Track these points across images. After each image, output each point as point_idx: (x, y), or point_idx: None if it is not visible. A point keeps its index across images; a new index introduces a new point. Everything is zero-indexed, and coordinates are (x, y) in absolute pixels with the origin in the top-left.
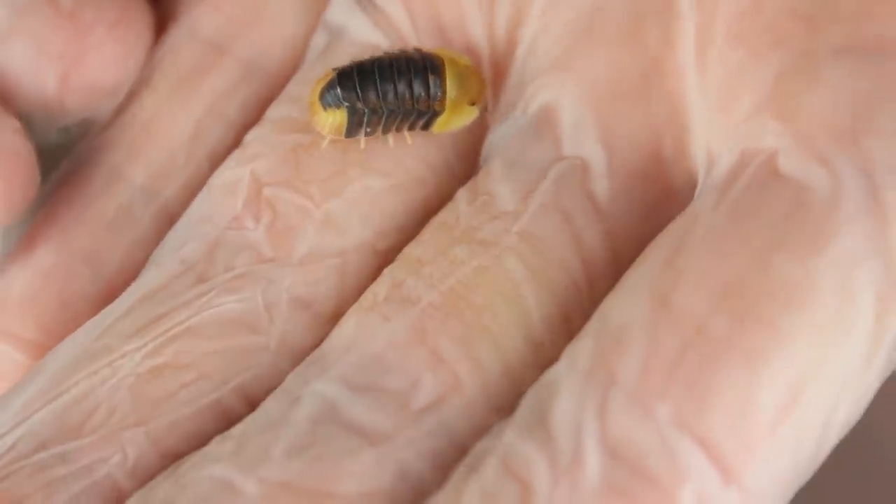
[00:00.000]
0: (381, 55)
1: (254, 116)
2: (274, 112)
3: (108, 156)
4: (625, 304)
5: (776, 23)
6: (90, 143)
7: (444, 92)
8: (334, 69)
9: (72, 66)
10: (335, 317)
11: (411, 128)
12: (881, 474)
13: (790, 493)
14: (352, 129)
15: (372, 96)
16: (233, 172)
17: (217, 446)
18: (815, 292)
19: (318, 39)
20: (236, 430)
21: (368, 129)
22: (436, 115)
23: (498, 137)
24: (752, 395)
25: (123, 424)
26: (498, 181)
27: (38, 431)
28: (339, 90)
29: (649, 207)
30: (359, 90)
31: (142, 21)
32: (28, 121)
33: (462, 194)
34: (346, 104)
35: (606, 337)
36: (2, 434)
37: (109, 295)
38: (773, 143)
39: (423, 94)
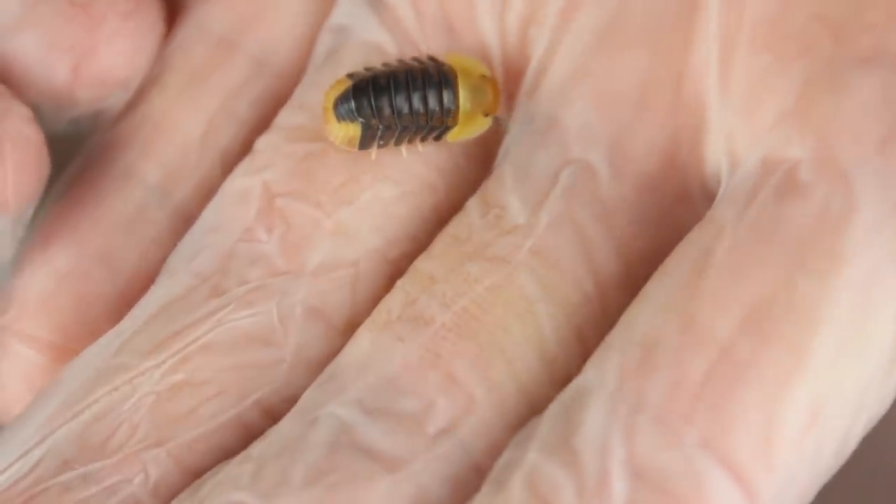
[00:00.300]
0: (395, 66)
1: (264, 113)
2: (284, 119)
3: (121, 154)
4: (650, 321)
5: (803, 30)
6: (101, 141)
7: (457, 107)
8: (349, 76)
9: (83, 57)
10: (349, 326)
11: (423, 140)
12: (881, 474)
13: (809, 500)
14: (365, 143)
15: (387, 112)
16: (244, 181)
17: (237, 468)
18: (836, 311)
19: (325, 38)
20: (255, 449)
21: (381, 143)
22: (448, 128)
23: (512, 140)
24: (776, 416)
25: (145, 444)
26: (509, 191)
27: (61, 449)
28: (353, 104)
29: (663, 213)
30: (374, 106)
31: (153, 14)
32: (38, 111)
33: (473, 204)
34: (361, 119)
35: (633, 355)
36: (26, 451)
37: (126, 296)
38: (796, 154)
39: (437, 109)
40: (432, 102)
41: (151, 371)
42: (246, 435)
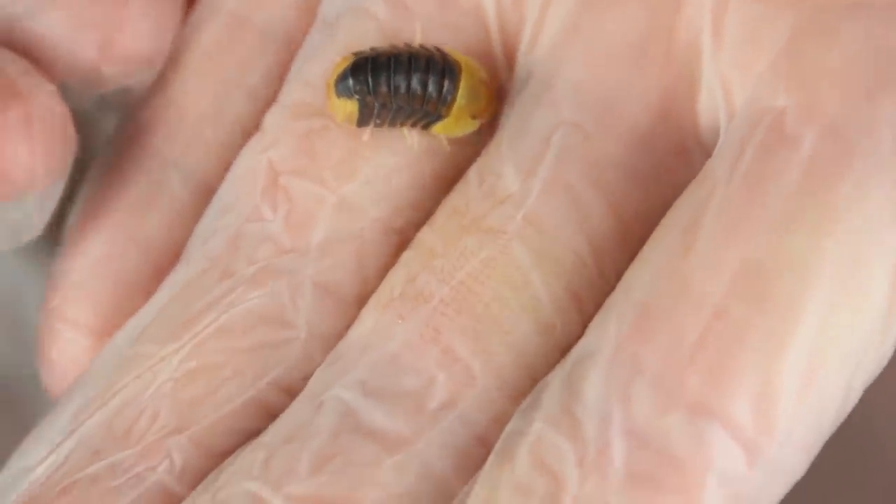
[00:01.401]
0: (400, 48)
1: (277, 86)
2: (288, 95)
3: (145, 136)
4: (646, 285)
5: None
6: (128, 124)
7: (454, 98)
8: (354, 54)
9: (110, 35)
10: (360, 299)
11: (413, 125)
12: (881, 474)
13: (814, 455)
14: (362, 120)
15: (383, 91)
16: (251, 160)
17: (250, 455)
18: (828, 267)
19: (325, 7)
20: (267, 435)
21: (378, 121)
22: (439, 118)
23: (510, 105)
24: (773, 375)
25: (166, 430)
26: (504, 158)
27: (90, 440)
28: (351, 81)
29: (658, 171)
30: (370, 84)
31: None
32: (65, 89)
33: (473, 173)
34: (357, 96)
35: (630, 320)
36: (58, 443)
37: (159, 275)
38: (782, 104)
39: (434, 96)
40: (431, 87)
41: (170, 357)
42: (266, 415)
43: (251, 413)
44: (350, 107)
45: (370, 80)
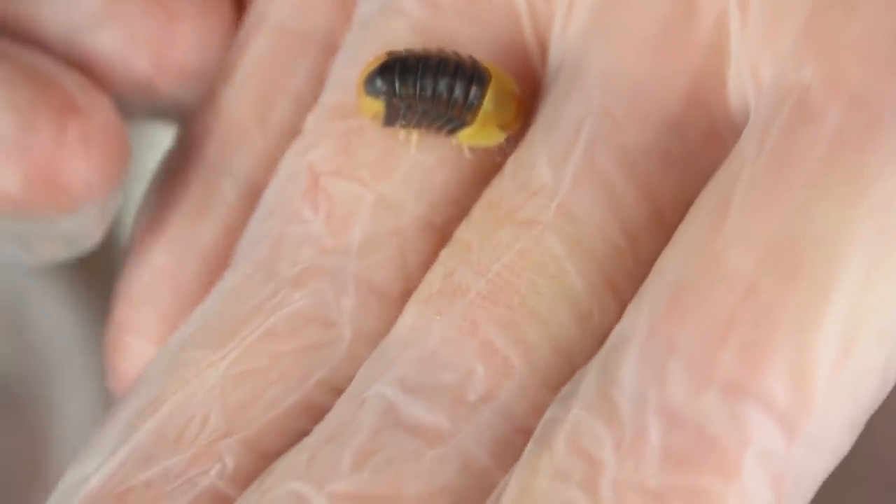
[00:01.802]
0: (433, 51)
1: (319, 87)
2: (326, 97)
3: (198, 148)
4: (678, 265)
5: None
6: (182, 136)
7: (479, 105)
8: (388, 54)
9: (163, 50)
10: (403, 296)
11: (438, 130)
12: (881, 474)
13: (857, 431)
14: (389, 120)
15: (408, 92)
16: (292, 163)
17: (295, 456)
18: (859, 236)
19: (361, 7)
20: (312, 436)
21: (403, 122)
22: (463, 125)
23: (546, 97)
24: (808, 350)
25: (216, 434)
26: (536, 149)
27: (143, 447)
28: (378, 81)
29: (691, 155)
30: (397, 85)
31: (225, 7)
32: (120, 102)
33: (508, 166)
34: (384, 97)
35: (663, 301)
36: (113, 451)
37: (216, 280)
38: (807, 77)
39: (459, 100)
40: (457, 92)
41: (217, 363)
42: (315, 415)
43: (299, 414)
44: (377, 106)
45: (397, 81)
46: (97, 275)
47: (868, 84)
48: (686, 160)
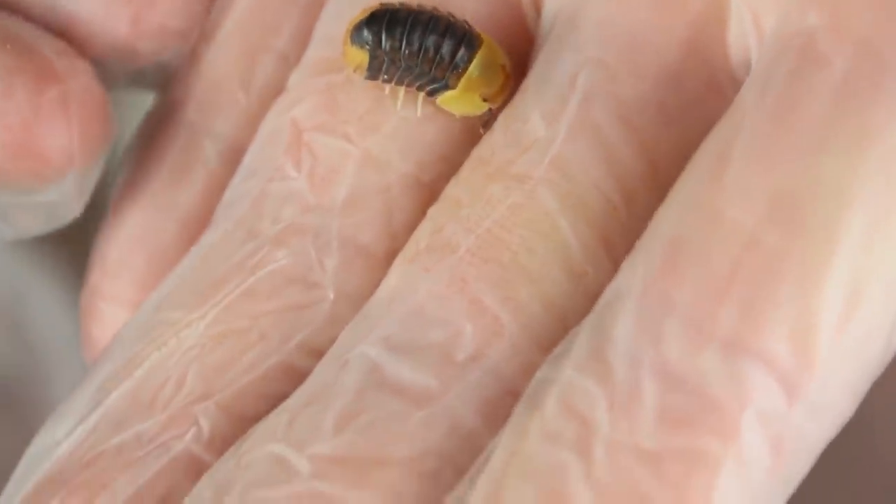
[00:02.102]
0: (427, 7)
1: (304, 46)
2: (310, 53)
3: (178, 110)
4: (675, 220)
5: None
6: (161, 100)
7: (465, 69)
8: (381, 4)
9: (142, 10)
10: (389, 256)
11: (419, 89)
12: (881, 475)
13: (859, 397)
14: (372, 72)
15: (394, 45)
16: (275, 121)
17: (275, 418)
18: (866, 190)
19: None
20: (293, 398)
21: (386, 77)
22: (446, 87)
23: (538, 47)
24: (811, 307)
25: (192, 397)
26: (530, 103)
27: (116, 411)
28: (365, 31)
29: (689, 108)
30: (383, 36)
31: None
32: (100, 66)
33: (499, 121)
34: (368, 46)
35: (658, 256)
36: (83, 417)
37: (195, 243)
38: (812, 23)
39: (445, 60)
40: (444, 51)
41: (196, 323)
42: (295, 379)
43: (279, 377)
44: (361, 57)
45: (384, 32)
46: None
47: (875, 29)
48: (684, 114)
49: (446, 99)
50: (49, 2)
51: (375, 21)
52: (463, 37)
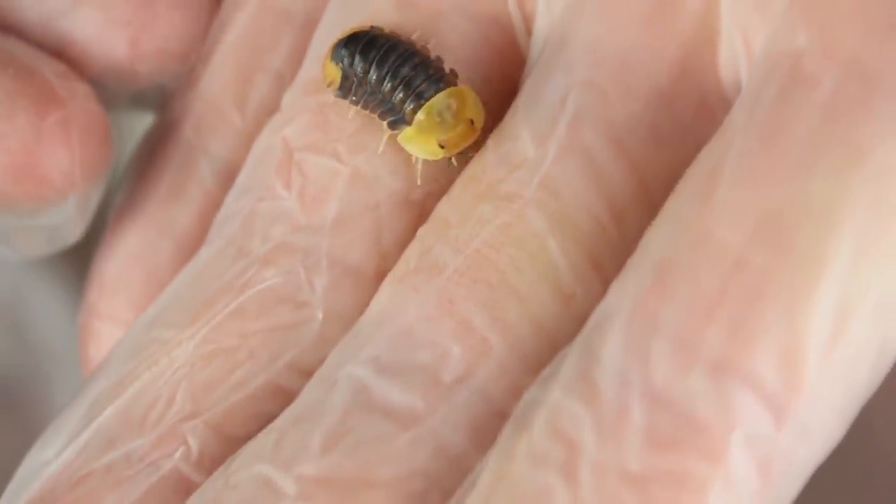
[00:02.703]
0: (407, 40)
1: (299, 66)
2: (303, 73)
3: (175, 131)
4: (664, 240)
5: None
6: (160, 120)
7: (419, 105)
8: (371, 27)
9: (141, 31)
10: (378, 276)
11: (381, 117)
12: (881, 475)
13: (848, 420)
14: (342, 92)
15: (364, 68)
16: (267, 140)
17: (263, 438)
18: (854, 211)
19: None
20: (281, 418)
21: (354, 98)
22: (403, 122)
23: (529, 67)
24: (798, 329)
25: (181, 415)
26: (519, 123)
27: (106, 430)
28: (342, 49)
29: (680, 129)
30: (356, 58)
31: None
32: (99, 88)
33: (490, 140)
34: (342, 65)
35: (647, 277)
36: (75, 434)
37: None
38: (801, 44)
39: (402, 94)
40: (407, 84)
41: (186, 342)
42: (283, 398)
43: (268, 396)
44: (335, 74)
45: (357, 54)
46: None
47: (863, 49)
48: (675, 135)
49: (404, 136)
50: (46, 23)
51: (354, 41)
52: (430, 76)
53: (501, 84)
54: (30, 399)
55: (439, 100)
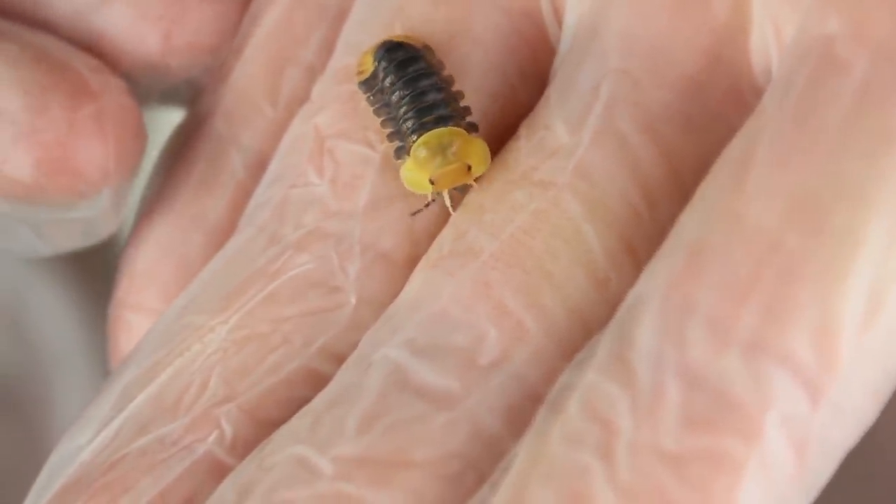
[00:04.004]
0: (445, 73)
1: (329, 57)
2: (334, 61)
3: (206, 123)
4: (697, 224)
5: None
6: (192, 113)
7: (416, 141)
8: (425, 45)
9: (173, 25)
10: (410, 261)
11: (389, 139)
12: (882, 475)
13: (882, 402)
14: (365, 88)
15: (389, 79)
16: (299, 129)
17: (298, 420)
18: (888, 193)
19: None
20: (316, 401)
21: (371, 98)
22: (404, 151)
23: (560, 58)
24: (832, 309)
25: (215, 400)
26: (553, 111)
27: (139, 415)
28: (384, 49)
29: (712, 116)
30: (390, 66)
31: None
32: (132, 82)
33: (523, 128)
34: (375, 64)
35: (680, 260)
36: (107, 421)
37: None
38: (832, 29)
39: (409, 122)
40: (416, 114)
41: (218, 328)
42: (317, 383)
43: (301, 381)
44: (369, 68)
45: (395, 63)
46: (97, 275)
47: (894, 33)
48: (706, 122)
49: (403, 168)
50: (78, 18)
51: (398, 50)
52: (441, 116)
53: (533, 76)
54: (30, 399)
55: (436, 139)
